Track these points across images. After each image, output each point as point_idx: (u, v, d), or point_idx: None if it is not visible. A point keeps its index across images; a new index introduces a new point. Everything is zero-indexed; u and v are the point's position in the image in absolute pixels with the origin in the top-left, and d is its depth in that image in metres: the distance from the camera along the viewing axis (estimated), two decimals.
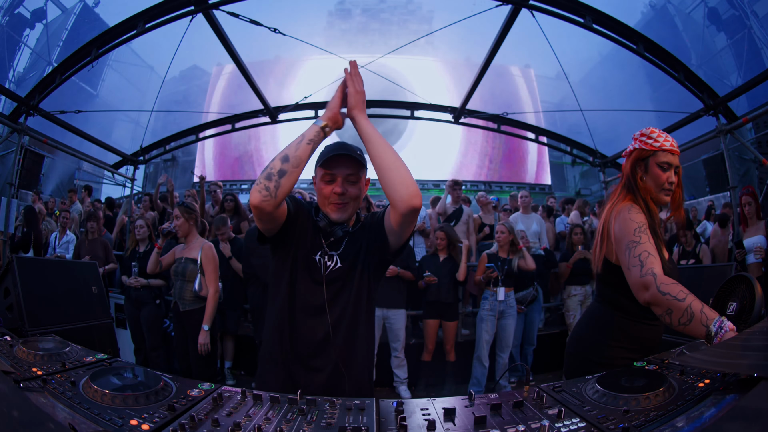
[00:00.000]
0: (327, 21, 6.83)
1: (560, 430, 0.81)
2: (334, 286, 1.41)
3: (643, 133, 1.59)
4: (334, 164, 1.40)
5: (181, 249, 3.45)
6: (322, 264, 1.42)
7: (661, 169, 1.54)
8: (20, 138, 4.73)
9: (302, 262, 1.43)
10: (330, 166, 1.41)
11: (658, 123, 5.34)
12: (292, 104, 5.63)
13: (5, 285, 2.10)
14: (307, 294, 1.40)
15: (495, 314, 4.05)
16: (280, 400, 0.98)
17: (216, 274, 3.29)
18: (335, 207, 1.42)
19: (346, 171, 1.40)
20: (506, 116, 5.88)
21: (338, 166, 1.40)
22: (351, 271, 1.43)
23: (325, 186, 1.43)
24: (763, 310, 1.24)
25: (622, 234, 1.44)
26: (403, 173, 1.25)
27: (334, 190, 1.40)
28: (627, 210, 1.47)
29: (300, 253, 1.43)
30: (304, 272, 1.42)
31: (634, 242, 1.40)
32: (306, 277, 1.42)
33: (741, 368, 0.92)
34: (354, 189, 1.43)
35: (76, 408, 0.83)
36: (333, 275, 1.42)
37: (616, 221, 1.47)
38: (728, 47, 8.18)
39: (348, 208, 1.43)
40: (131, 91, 6.43)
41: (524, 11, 3.87)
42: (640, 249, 1.38)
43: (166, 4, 3.88)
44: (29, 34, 8.61)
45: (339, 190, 1.40)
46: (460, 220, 5.15)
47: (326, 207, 1.44)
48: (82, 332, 2.47)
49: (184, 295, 3.31)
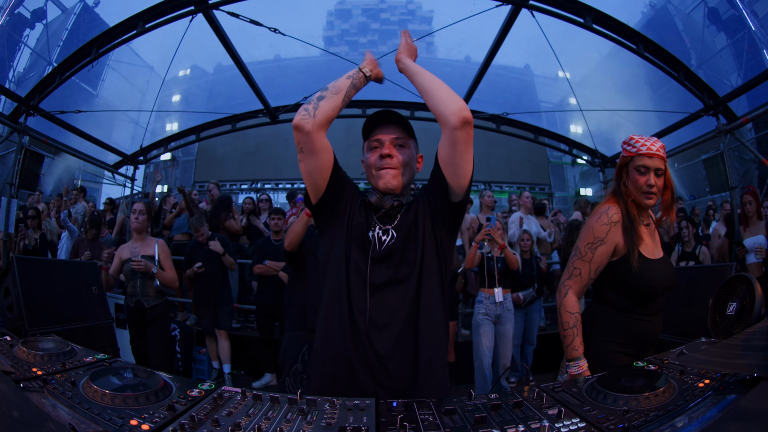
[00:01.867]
0: (327, 21, 6.83)
1: (560, 430, 0.81)
2: (391, 261, 1.27)
3: (626, 141, 1.68)
4: (379, 130, 1.37)
5: (129, 248, 3.49)
6: (376, 239, 1.30)
7: (638, 173, 1.61)
8: (20, 138, 4.73)
9: (356, 239, 1.30)
10: (374, 132, 1.37)
11: (658, 123, 5.34)
12: (292, 104, 5.63)
13: (5, 285, 2.10)
14: (365, 273, 1.26)
15: (492, 318, 3.79)
16: (280, 400, 0.98)
17: (172, 263, 3.56)
18: (384, 172, 1.33)
19: (392, 135, 1.35)
20: (506, 116, 5.89)
21: (383, 131, 1.36)
22: (409, 242, 1.29)
23: (372, 155, 1.36)
24: (763, 310, 1.24)
25: (582, 236, 1.61)
26: (450, 91, 1.21)
27: (381, 152, 1.34)
28: (600, 215, 1.60)
29: (353, 230, 1.31)
30: (359, 250, 1.29)
31: (581, 252, 1.58)
32: (362, 255, 1.28)
33: (741, 368, 0.92)
34: (403, 154, 1.36)
35: (76, 408, 0.83)
36: (388, 250, 1.28)
37: (588, 221, 1.63)
38: (728, 47, 8.17)
39: (398, 175, 1.34)
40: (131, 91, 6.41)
41: (524, 11, 3.87)
42: (579, 263, 1.58)
43: (166, 4, 3.89)
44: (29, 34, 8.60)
45: (386, 152, 1.33)
46: None
47: (375, 179, 1.35)
48: (82, 332, 2.47)
49: (148, 291, 3.38)
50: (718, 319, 1.46)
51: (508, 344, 3.85)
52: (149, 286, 3.39)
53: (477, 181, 12.63)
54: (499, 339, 3.83)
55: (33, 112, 4.61)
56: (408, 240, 1.30)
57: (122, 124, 6.48)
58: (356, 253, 1.29)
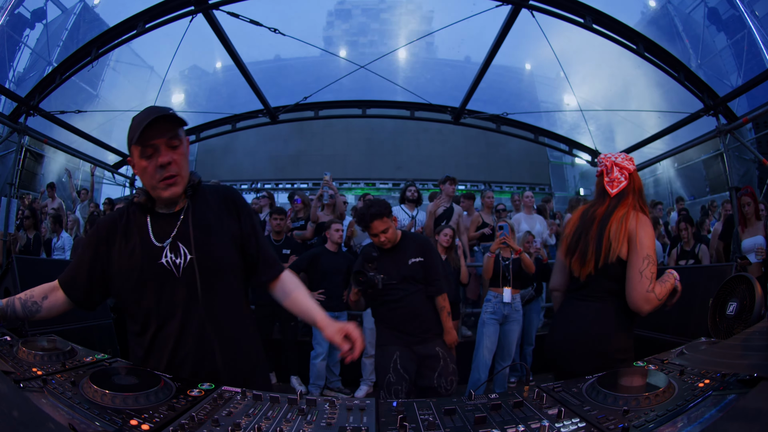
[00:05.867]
0: (327, 21, 6.83)
1: (560, 430, 0.81)
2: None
3: (626, 160, 1.77)
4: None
5: None
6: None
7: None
8: (20, 138, 4.74)
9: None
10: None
11: (658, 123, 5.34)
12: (292, 104, 5.63)
13: (5, 285, 2.10)
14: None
15: (499, 318, 3.76)
16: (280, 400, 0.98)
17: None
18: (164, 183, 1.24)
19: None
20: (506, 116, 5.88)
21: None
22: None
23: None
24: (763, 310, 1.24)
25: (645, 244, 1.62)
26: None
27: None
28: (648, 224, 1.66)
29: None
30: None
31: (651, 257, 1.61)
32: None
33: (741, 368, 0.92)
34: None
35: (76, 408, 0.83)
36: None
37: (642, 230, 1.63)
38: (728, 47, 8.18)
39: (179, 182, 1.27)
40: (131, 91, 6.41)
41: (524, 11, 3.87)
42: (653, 268, 1.60)
43: (166, 4, 3.89)
44: (29, 34, 8.60)
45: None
46: (451, 220, 4.85)
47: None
48: (82, 332, 2.47)
49: None
50: (718, 319, 1.46)
51: (512, 344, 3.83)
52: None
53: (477, 181, 12.62)
54: (503, 338, 3.82)
55: (33, 112, 4.61)
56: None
57: (122, 124, 6.47)
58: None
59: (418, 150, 11.95)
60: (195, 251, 1.25)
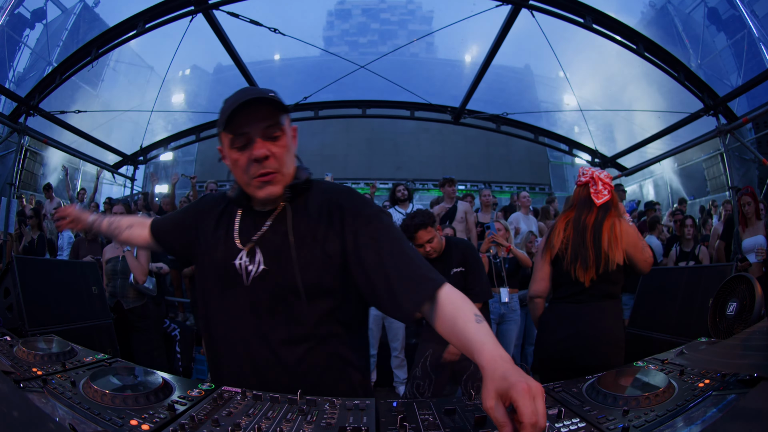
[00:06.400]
0: (327, 21, 6.84)
1: (560, 430, 0.81)
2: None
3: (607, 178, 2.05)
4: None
5: (112, 248, 3.49)
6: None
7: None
8: (20, 138, 4.74)
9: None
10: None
11: (658, 123, 5.35)
12: (292, 104, 5.63)
13: (5, 285, 2.10)
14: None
15: (495, 318, 3.74)
16: (280, 400, 0.98)
17: (148, 258, 3.51)
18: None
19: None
20: (506, 116, 5.89)
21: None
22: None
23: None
24: (763, 310, 1.24)
25: (636, 237, 1.99)
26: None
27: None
28: (627, 225, 2.00)
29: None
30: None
31: (641, 239, 2.01)
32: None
33: (741, 368, 0.92)
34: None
35: (76, 408, 0.83)
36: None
37: (626, 231, 1.97)
38: (728, 47, 8.18)
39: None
40: (131, 91, 6.42)
41: (524, 11, 3.88)
42: (647, 247, 2.02)
43: (166, 4, 3.89)
44: (29, 34, 8.60)
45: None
46: (455, 219, 4.78)
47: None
48: (82, 332, 2.47)
49: (127, 293, 3.37)
50: (718, 319, 1.46)
51: (509, 345, 3.82)
52: (128, 287, 3.36)
53: (477, 181, 12.62)
54: (500, 338, 3.78)
55: (33, 112, 4.61)
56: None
57: (122, 124, 6.48)
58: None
59: (418, 150, 11.94)
60: (268, 262, 1.05)
